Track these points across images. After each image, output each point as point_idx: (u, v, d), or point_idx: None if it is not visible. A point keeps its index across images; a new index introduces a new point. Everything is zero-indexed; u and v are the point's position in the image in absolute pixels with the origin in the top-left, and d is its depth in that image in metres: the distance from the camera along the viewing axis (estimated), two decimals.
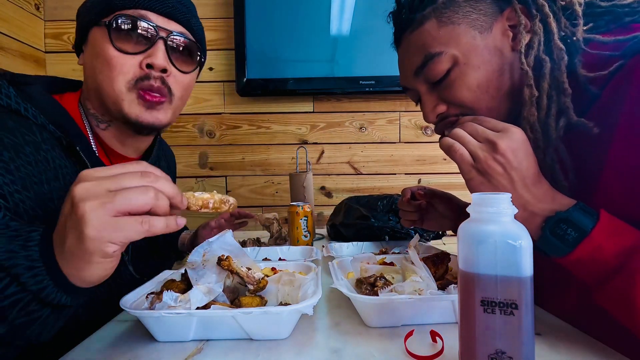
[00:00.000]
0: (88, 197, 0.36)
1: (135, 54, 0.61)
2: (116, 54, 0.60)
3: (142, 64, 0.61)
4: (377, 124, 1.59)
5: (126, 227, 0.36)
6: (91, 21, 0.63)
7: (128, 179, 0.38)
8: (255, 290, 0.54)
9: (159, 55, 0.62)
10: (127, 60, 0.61)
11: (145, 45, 0.62)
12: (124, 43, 0.60)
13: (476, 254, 0.34)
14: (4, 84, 0.56)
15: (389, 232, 1.02)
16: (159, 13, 0.62)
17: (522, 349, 0.33)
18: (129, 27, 0.60)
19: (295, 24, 1.49)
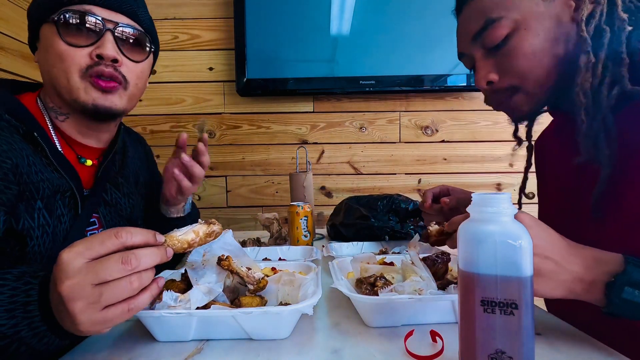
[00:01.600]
0: (75, 298, 0.39)
1: (85, 46, 0.63)
2: (66, 47, 0.62)
3: (92, 55, 0.64)
4: (377, 124, 1.59)
5: (114, 317, 0.40)
6: (40, 18, 0.64)
7: (111, 268, 0.39)
8: (255, 290, 0.54)
9: (107, 46, 0.64)
10: (77, 52, 0.63)
11: (94, 38, 0.64)
12: (73, 37, 0.63)
13: (476, 254, 0.34)
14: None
15: (389, 232, 1.02)
16: (103, 7, 0.64)
17: (522, 349, 0.33)
18: (76, 22, 0.62)
19: (295, 24, 1.48)
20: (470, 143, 1.59)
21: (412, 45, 1.49)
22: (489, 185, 1.59)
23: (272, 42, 1.48)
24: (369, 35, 1.49)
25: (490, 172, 1.59)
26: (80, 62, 0.63)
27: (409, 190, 1.59)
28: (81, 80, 0.64)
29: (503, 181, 1.59)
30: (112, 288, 0.39)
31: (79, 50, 0.63)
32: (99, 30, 0.64)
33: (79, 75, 0.64)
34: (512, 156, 1.58)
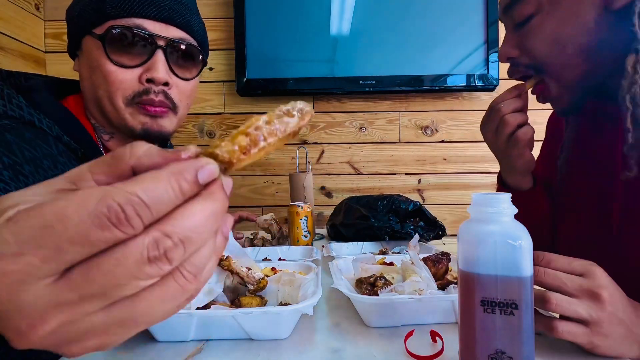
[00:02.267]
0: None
1: (134, 67, 0.58)
2: (114, 68, 0.57)
3: (141, 78, 0.58)
4: (377, 124, 1.59)
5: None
6: (83, 29, 0.59)
7: None
8: (255, 290, 0.54)
9: (159, 68, 0.58)
10: (126, 74, 0.58)
11: (144, 56, 0.58)
12: (121, 56, 0.57)
13: (476, 254, 0.34)
14: (12, 93, 0.53)
15: (389, 232, 1.02)
16: (155, 19, 0.58)
17: (522, 349, 0.33)
18: (125, 39, 0.57)
19: (295, 24, 1.48)
20: (470, 143, 1.59)
21: (412, 45, 1.49)
22: (489, 185, 1.59)
23: (272, 42, 1.48)
24: (369, 35, 1.49)
25: (490, 172, 1.59)
26: (129, 87, 0.58)
27: (409, 190, 1.59)
28: (127, 107, 0.59)
29: None
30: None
31: (128, 72, 0.58)
32: (149, 48, 0.58)
33: (126, 101, 0.59)
34: None
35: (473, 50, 1.49)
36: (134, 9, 0.57)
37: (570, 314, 0.40)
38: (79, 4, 0.60)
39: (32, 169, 0.48)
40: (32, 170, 0.48)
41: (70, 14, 0.61)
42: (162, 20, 0.59)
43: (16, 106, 0.52)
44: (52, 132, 0.53)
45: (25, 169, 0.47)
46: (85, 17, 0.58)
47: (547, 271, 0.41)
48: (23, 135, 0.49)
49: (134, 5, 0.57)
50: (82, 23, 0.59)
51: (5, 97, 0.52)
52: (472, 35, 1.48)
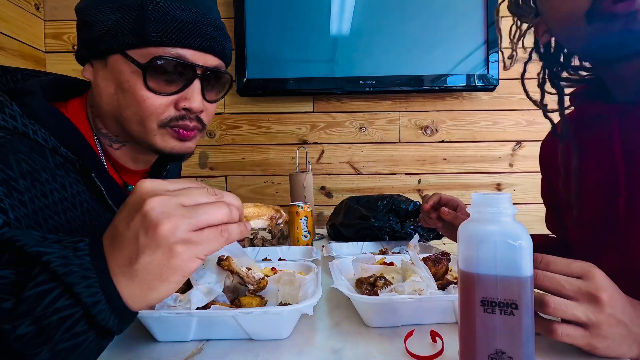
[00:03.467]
0: (167, 214, 0.34)
1: (170, 94, 0.57)
2: (150, 95, 0.55)
3: (177, 105, 0.57)
4: (377, 124, 1.59)
5: (210, 239, 0.36)
6: (113, 46, 0.55)
7: (198, 194, 0.37)
8: (255, 290, 0.54)
9: (196, 97, 0.58)
10: (162, 100, 0.56)
11: (181, 84, 0.57)
12: (158, 83, 0.56)
13: (476, 254, 0.34)
14: (6, 100, 0.50)
15: (389, 232, 1.02)
16: (197, 49, 0.57)
17: (522, 349, 0.33)
18: (165, 69, 0.55)
19: (295, 24, 1.48)
20: (470, 143, 1.59)
21: (412, 45, 1.49)
22: (489, 185, 1.59)
23: (272, 42, 1.48)
24: (369, 35, 1.49)
25: (490, 172, 1.59)
26: (164, 112, 0.57)
27: (408, 190, 1.59)
28: (159, 129, 0.58)
29: (503, 181, 1.59)
30: (205, 207, 0.36)
31: (163, 98, 0.56)
32: (187, 78, 0.57)
33: (159, 124, 0.58)
34: (512, 156, 1.58)
35: (473, 50, 1.49)
36: (179, 40, 0.55)
37: (568, 317, 0.40)
38: (105, 14, 0.55)
39: (28, 183, 0.46)
40: (28, 185, 0.46)
41: (88, 19, 0.56)
42: (202, 50, 0.57)
43: (9, 116, 0.49)
44: (48, 145, 0.51)
45: (20, 184, 0.45)
46: (119, 34, 0.54)
47: (546, 274, 0.41)
48: (18, 148, 0.47)
49: (180, 36, 0.55)
50: (112, 39, 0.54)
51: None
52: (472, 35, 1.48)
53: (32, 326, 0.30)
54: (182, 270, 0.35)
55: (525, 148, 1.57)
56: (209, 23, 0.58)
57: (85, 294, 0.32)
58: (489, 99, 1.58)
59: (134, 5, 0.54)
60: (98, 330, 0.34)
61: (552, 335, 0.40)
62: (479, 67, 1.49)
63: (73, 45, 1.54)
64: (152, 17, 0.53)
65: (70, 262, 0.32)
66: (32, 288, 0.31)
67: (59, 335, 0.31)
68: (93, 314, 0.32)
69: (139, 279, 0.34)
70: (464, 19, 1.48)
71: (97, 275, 0.33)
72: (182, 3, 0.55)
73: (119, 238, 0.35)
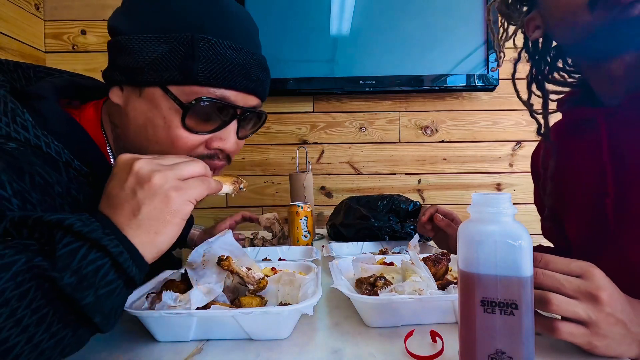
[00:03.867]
0: (155, 169, 0.40)
1: (205, 133, 0.54)
2: (185, 134, 0.53)
3: (210, 144, 0.55)
4: (377, 124, 1.59)
5: (196, 185, 0.42)
6: (153, 78, 0.51)
7: (173, 157, 0.44)
8: (255, 290, 0.54)
9: (231, 138, 0.56)
10: (195, 139, 0.54)
11: (218, 123, 0.55)
12: (195, 123, 0.53)
13: (476, 254, 0.34)
14: (17, 107, 0.47)
15: (389, 232, 1.02)
16: (240, 90, 0.54)
17: (522, 349, 0.33)
18: (207, 110, 0.53)
19: (295, 24, 1.49)
20: (470, 143, 1.59)
21: (412, 45, 1.49)
22: (489, 185, 1.59)
23: (272, 42, 1.48)
24: (369, 35, 1.49)
25: (490, 172, 1.59)
26: (194, 150, 0.55)
27: (409, 190, 1.59)
28: None
29: (503, 181, 1.59)
30: (184, 164, 0.43)
31: (197, 136, 0.54)
32: (226, 118, 0.54)
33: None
34: (512, 156, 1.58)
35: (473, 50, 1.49)
36: (226, 82, 0.52)
37: (570, 315, 0.40)
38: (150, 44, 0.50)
39: (40, 197, 0.45)
40: (40, 199, 0.45)
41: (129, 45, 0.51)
42: (246, 92, 0.55)
43: (21, 126, 0.47)
44: (61, 158, 0.49)
45: (32, 197, 0.44)
46: (163, 69, 0.50)
47: (546, 273, 0.42)
48: (31, 160, 0.46)
49: (227, 78, 0.52)
50: (155, 72, 0.51)
51: (9, 114, 0.46)
52: (472, 35, 1.48)
53: (73, 277, 0.34)
54: (180, 212, 0.41)
55: (525, 148, 1.57)
56: (257, 64, 0.56)
57: (111, 245, 0.36)
58: (489, 99, 1.58)
59: (184, 40, 0.50)
60: (125, 279, 0.38)
61: (554, 334, 0.40)
62: (479, 67, 1.49)
63: (73, 45, 1.54)
64: (202, 56, 0.50)
65: (90, 223, 0.36)
66: (61, 248, 0.34)
67: (97, 282, 0.35)
68: (120, 262, 0.37)
69: (145, 225, 0.39)
70: (463, 19, 1.48)
71: (111, 231, 0.38)
72: (233, 42, 0.52)
73: (115, 200, 0.40)
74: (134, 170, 0.40)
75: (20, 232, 0.36)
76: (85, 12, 1.54)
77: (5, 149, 0.44)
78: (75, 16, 1.54)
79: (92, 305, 0.35)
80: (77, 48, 1.54)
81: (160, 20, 0.51)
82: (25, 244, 0.35)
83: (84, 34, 1.54)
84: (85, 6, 1.54)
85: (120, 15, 0.54)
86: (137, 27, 0.51)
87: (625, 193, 0.56)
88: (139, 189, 0.40)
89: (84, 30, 1.54)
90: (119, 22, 0.53)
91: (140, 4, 0.53)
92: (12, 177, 0.43)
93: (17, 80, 0.56)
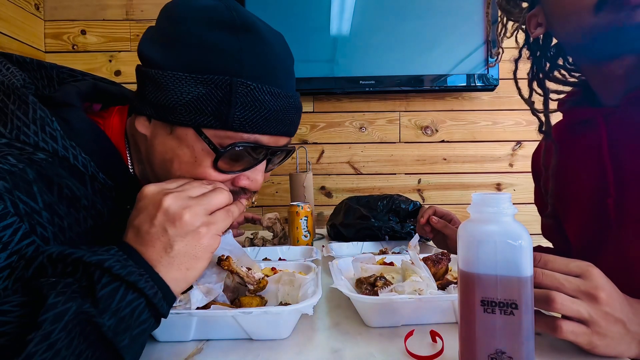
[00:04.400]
0: (184, 206, 0.42)
1: (235, 172, 0.52)
2: (215, 174, 0.51)
3: (236, 182, 0.53)
4: (377, 124, 1.59)
5: (222, 218, 0.44)
6: (186, 119, 0.48)
7: (198, 186, 0.45)
8: (255, 290, 0.54)
9: (259, 179, 0.54)
10: (224, 177, 0.52)
11: (247, 164, 0.53)
12: (226, 164, 0.51)
13: (476, 254, 0.34)
14: (46, 115, 0.46)
15: (389, 232, 1.02)
16: (274, 134, 0.52)
17: (522, 349, 0.33)
18: (239, 154, 0.51)
19: (295, 24, 1.48)
20: (470, 143, 1.59)
21: (412, 45, 1.49)
22: (489, 185, 1.59)
23: None
24: (369, 35, 1.49)
25: (490, 172, 1.59)
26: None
27: (409, 190, 1.59)
28: None
29: (503, 181, 1.59)
30: (210, 195, 0.44)
31: (225, 176, 0.52)
32: (256, 159, 0.52)
33: None
34: (512, 156, 1.58)
35: (473, 50, 1.49)
36: (262, 128, 0.50)
37: (573, 313, 0.40)
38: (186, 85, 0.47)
39: (66, 210, 0.44)
40: (67, 212, 0.44)
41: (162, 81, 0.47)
42: (279, 135, 0.53)
43: (49, 136, 0.46)
44: (87, 171, 0.49)
45: (61, 210, 0.44)
46: (198, 112, 0.47)
47: (545, 272, 0.42)
48: (59, 172, 0.45)
49: (263, 124, 0.50)
50: (189, 114, 0.48)
51: (38, 123, 0.45)
52: (472, 35, 1.48)
53: (113, 318, 0.35)
54: (211, 246, 0.43)
55: (525, 148, 1.57)
56: (292, 106, 0.53)
57: (147, 287, 0.38)
58: (489, 99, 1.58)
59: (222, 84, 0.47)
60: (155, 317, 0.40)
61: (556, 332, 0.40)
62: (479, 67, 1.49)
63: (73, 45, 1.54)
64: (239, 102, 0.47)
65: (126, 264, 0.38)
66: (101, 289, 0.35)
67: (132, 323, 0.37)
68: (154, 302, 0.38)
69: (177, 262, 0.41)
70: (464, 19, 1.48)
71: (146, 272, 0.39)
72: (272, 85, 0.49)
73: (147, 236, 0.41)
74: (163, 207, 0.41)
75: (55, 267, 0.37)
76: (85, 12, 1.54)
77: (34, 159, 0.44)
78: (75, 16, 1.54)
79: (127, 346, 0.36)
80: (77, 48, 1.54)
81: (198, 59, 0.48)
82: (68, 284, 0.35)
83: (84, 34, 1.54)
84: (85, 6, 1.54)
85: (156, 44, 0.49)
86: (174, 63, 0.48)
87: (625, 193, 0.56)
88: (169, 227, 0.41)
89: (84, 30, 1.54)
90: (153, 53, 0.49)
91: (178, 37, 0.48)
92: (42, 188, 0.42)
93: (40, 80, 0.55)
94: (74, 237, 0.45)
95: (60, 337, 0.32)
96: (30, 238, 0.40)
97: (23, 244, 0.39)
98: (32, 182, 0.41)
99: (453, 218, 0.86)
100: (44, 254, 0.37)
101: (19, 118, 0.46)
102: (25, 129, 0.45)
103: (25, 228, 0.40)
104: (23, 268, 0.38)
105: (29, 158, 0.43)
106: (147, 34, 0.51)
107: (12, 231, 0.39)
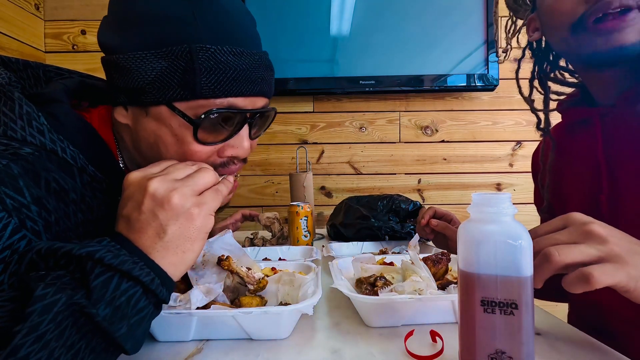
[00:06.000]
0: (171, 188, 0.40)
1: (218, 143, 0.52)
2: (199, 148, 0.51)
3: (222, 153, 0.53)
4: (377, 124, 1.59)
5: (212, 198, 0.43)
6: (160, 100, 0.48)
7: (182, 168, 0.44)
8: (255, 290, 0.54)
9: (244, 145, 0.54)
10: (208, 150, 0.52)
11: (229, 131, 0.52)
12: (207, 135, 0.51)
13: (476, 254, 0.34)
14: (33, 111, 0.46)
15: (389, 232, 1.02)
16: (247, 95, 0.52)
17: (522, 349, 0.33)
18: (217, 121, 0.51)
19: (295, 23, 1.48)
20: (470, 143, 1.59)
21: (412, 45, 1.49)
22: (489, 185, 1.59)
23: (272, 42, 1.48)
24: (369, 35, 1.49)
25: (490, 172, 1.59)
26: (209, 162, 0.52)
27: (409, 190, 1.59)
28: None
29: (503, 181, 1.59)
30: (196, 175, 0.43)
31: (210, 147, 0.52)
32: (236, 124, 0.52)
33: None
34: (512, 156, 1.58)
35: (473, 50, 1.49)
36: (232, 90, 0.49)
37: (578, 257, 0.37)
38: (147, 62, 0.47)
39: (55, 203, 0.44)
40: (55, 206, 0.44)
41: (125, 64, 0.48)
42: (253, 95, 0.52)
43: (37, 130, 0.46)
44: (76, 164, 0.48)
45: (50, 203, 0.44)
46: (165, 87, 0.47)
47: (538, 239, 0.41)
48: (47, 166, 0.45)
49: (232, 85, 0.49)
50: (157, 91, 0.48)
51: (25, 118, 0.45)
52: (472, 35, 1.48)
53: (108, 308, 0.35)
54: (205, 227, 0.42)
55: (525, 148, 1.57)
56: (260, 64, 0.52)
57: (142, 275, 0.37)
58: (488, 99, 1.58)
59: (182, 53, 0.47)
60: (155, 303, 0.39)
61: (590, 281, 0.36)
62: (479, 67, 1.49)
63: (73, 45, 1.54)
64: (203, 67, 0.47)
65: (119, 254, 0.37)
66: (94, 280, 0.35)
67: (129, 312, 0.36)
68: (152, 288, 0.38)
69: (173, 246, 0.40)
70: (464, 19, 1.48)
71: (141, 259, 0.38)
72: (233, 45, 0.49)
73: (137, 223, 0.40)
74: (149, 192, 0.40)
75: (47, 262, 0.36)
76: (85, 12, 1.54)
77: (21, 153, 0.43)
78: (75, 16, 1.54)
79: (125, 335, 0.36)
80: (77, 48, 1.54)
81: (153, 33, 0.47)
82: (58, 276, 0.35)
83: (84, 34, 1.54)
84: (85, 6, 1.54)
85: (111, 31, 0.50)
86: (131, 43, 0.48)
87: (617, 189, 0.57)
88: (159, 211, 0.40)
89: (84, 30, 1.54)
90: (110, 39, 0.49)
91: (129, 16, 0.48)
92: (29, 182, 0.42)
93: (27, 80, 0.55)
94: (64, 230, 0.45)
95: (50, 329, 0.32)
96: (21, 232, 0.40)
97: (14, 238, 0.39)
98: (17, 176, 0.41)
99: (453, 218, 0.86)
100: (33, 250, 0.36)
101: (5, 114, 0.46)
102: (12, 124, 0.45)
103: (15, 222, 0.39)
104: (17, 262, 0.38)
105: (15, 153, 0.43)
106: (102, 23, 0.52)
107: (2, 226, 0.38)
